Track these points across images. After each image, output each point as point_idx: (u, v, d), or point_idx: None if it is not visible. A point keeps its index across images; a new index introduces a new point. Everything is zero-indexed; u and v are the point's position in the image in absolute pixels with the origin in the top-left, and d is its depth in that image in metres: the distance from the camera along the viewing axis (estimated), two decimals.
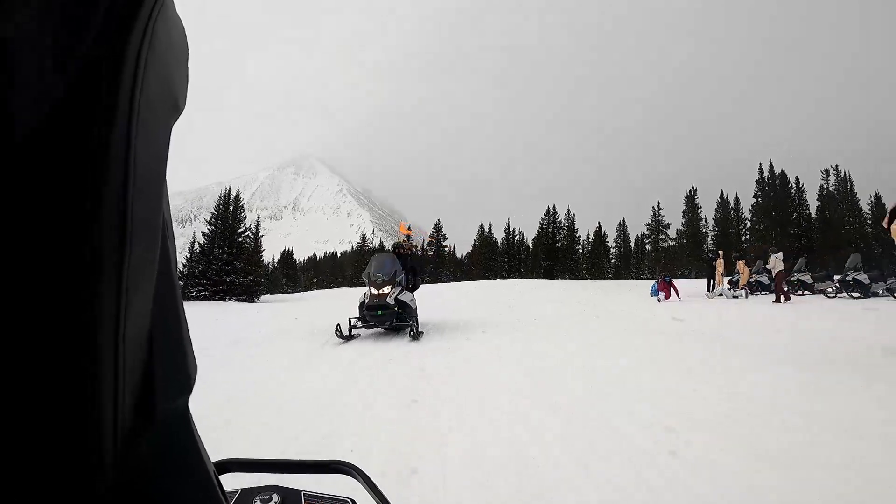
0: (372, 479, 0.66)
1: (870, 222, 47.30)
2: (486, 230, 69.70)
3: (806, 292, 17.93)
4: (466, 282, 44.05)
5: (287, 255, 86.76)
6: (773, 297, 15.46)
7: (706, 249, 47.92)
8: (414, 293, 9.40)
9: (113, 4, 0.25)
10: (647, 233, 62.20)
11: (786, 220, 49.24)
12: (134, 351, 0.27)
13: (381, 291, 8.42)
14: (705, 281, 19.93)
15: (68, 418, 0.23)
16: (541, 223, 65.48)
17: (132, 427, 0.27)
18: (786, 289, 15.45)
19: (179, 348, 0.32)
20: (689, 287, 21.62)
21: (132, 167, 0.25)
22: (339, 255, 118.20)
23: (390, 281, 8.55)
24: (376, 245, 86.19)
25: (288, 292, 55.06)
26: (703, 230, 56.70)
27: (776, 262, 15.30)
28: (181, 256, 46.09)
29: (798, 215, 49.52)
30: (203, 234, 38.88)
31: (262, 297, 35.78)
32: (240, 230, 38.07)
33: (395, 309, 8.37)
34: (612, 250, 64.10)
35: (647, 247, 61.02)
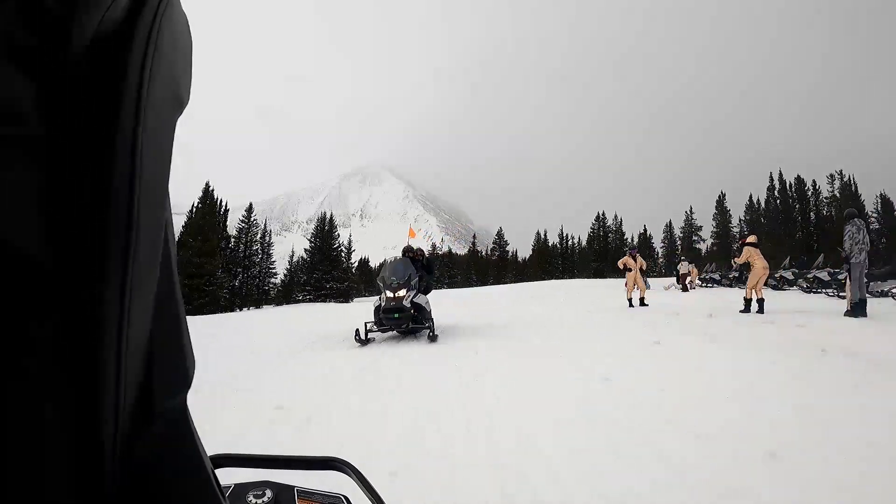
0: (365, 475, 0.66)
1: (874, 218, 49.96)
2: (542, 236, 76.19)
3: (791, 287, 20.84)
4: (526, 283, 51.46)
5: (364, 263, 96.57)
6: (715, 287, 23.55)
7: (734, 249, 52.58)
8: (427, 296, 9.77)
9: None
10: (680, 235, 66.49)
11: (794, 221, 53.33)
12: (135, 349, 0.27)
13: (397, 295, 8.69)
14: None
15: (71, 417, 0.23)
16: (591, 228, 71.30)
17: (132, 424, 0.27)
18: (688, 282, 23.95)
19: (179, 345, 0.32)
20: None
21: (138, 165, 0.25)
22: None
23: (405, 284, 8.85)
24: (445, 250, 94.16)
25: (366, 296, 62.60)
26: (735, 231, 60.19)
27: (684, 267, 23.13)
28: (283, 265, 55.47)
29: (816, 216, 52.55)
30: (305, 249, 48.33)
31: (356, 299, 44.27)
32: (334, 245, 47.11)
33: (412, 312, 8.69)
34: (659, 251, 68.84)
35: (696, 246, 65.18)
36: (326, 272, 44.31)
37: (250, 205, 49.61)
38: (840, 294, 15.10)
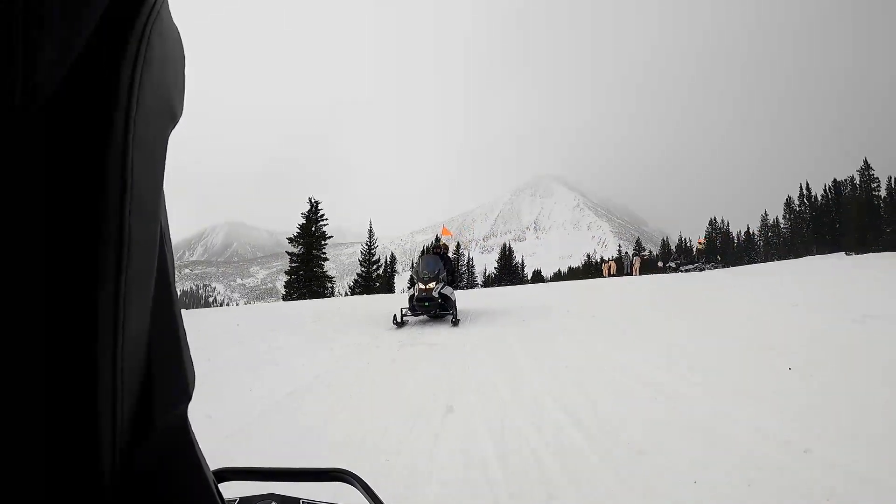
0: (370, 486, 0.65)
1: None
2: (665, 241, 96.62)
3: (680, 272, 32.54)
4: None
5: (537, 274, 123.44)
6: (655, 274, 42.35)
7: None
8: (453, 287, 11.05)
9: (108, 13, 0.25)
10: (756, 233, 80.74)
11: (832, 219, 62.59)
12: (132, 361, 0.27)
13: (428, 286, 10.14)
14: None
15: (67, 429, 0.23)
16: (707, 231, 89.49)
17: (131, 436, 0.27)
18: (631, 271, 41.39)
19: (178, 357, 0.32)
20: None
21: (129, 177, 0.25)
22: (579, 268, 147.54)
23: (434, 278, 10.32)
24: (598, 259, 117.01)
25: None
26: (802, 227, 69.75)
27: (636, 261, 42.53)
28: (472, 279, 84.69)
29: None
30: (495, 268, 78.63)
31: None
32: (513, 264, 77.03)
33: (439, 301, 10.19)
34: (761, 243, 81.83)
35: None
36: (508, 283, 74.18)
37: (458, 243, 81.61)
38: (686, 270, 36.35)
